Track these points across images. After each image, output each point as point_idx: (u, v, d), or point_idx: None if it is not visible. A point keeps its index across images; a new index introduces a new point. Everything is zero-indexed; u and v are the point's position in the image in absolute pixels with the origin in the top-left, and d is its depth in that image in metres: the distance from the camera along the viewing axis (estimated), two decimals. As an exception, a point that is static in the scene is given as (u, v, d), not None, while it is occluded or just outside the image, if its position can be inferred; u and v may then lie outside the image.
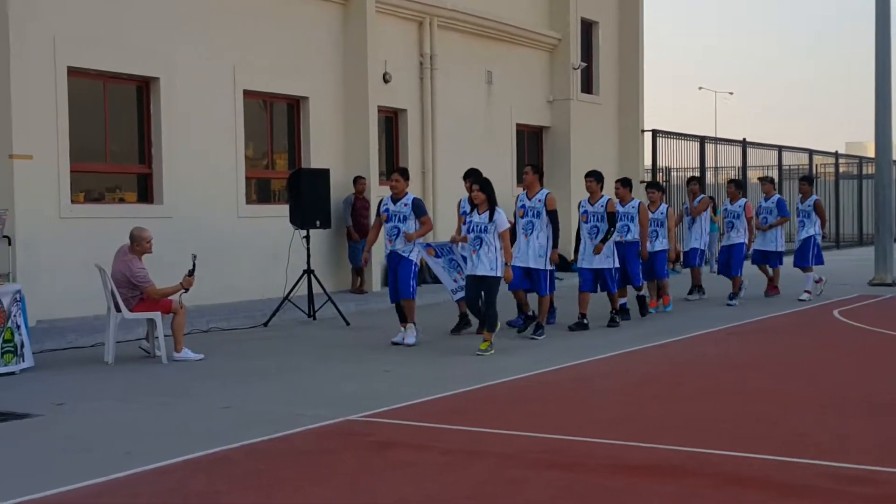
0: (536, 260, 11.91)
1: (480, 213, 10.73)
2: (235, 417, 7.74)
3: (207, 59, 14.87)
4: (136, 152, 14.45)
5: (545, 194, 11.98)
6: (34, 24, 12.46)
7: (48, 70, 12.75)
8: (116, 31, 13.61)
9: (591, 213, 12.87)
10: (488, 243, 10.61)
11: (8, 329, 9.63)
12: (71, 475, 5.99)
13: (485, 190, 10.76)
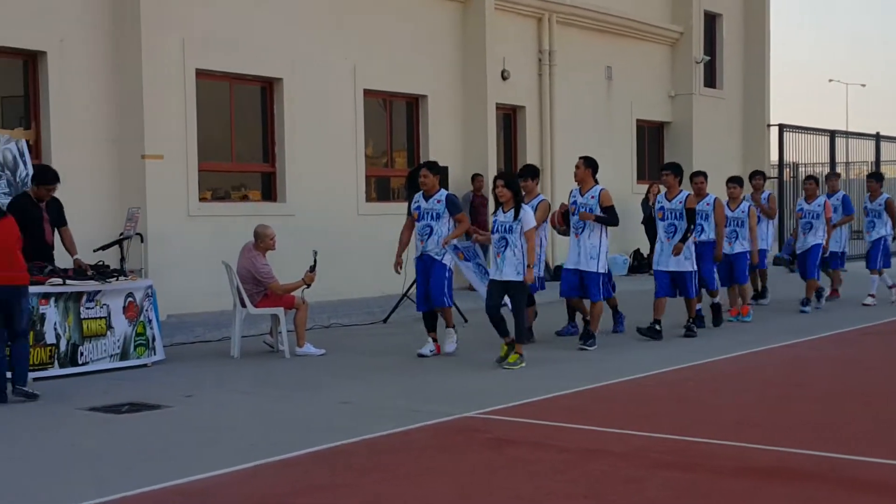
0: (588, 262, 10.97)
1: (506, 211, 9.87)
2: (355, 412, 7.93)
3: (329, 59, 15.19)
4: (260, 151, 14.87)
5: (599, 190, 11.05)
6: (165, 28, 12.94)
7: (178, 72, 13.22)
8: (241, 33, 14.01)
9: (667, 210, 11.81)
10: (514, 244, 9.76)
11: (140, 323, 10.05)
12: (200, 464, 6.24)
13: (510, 186, 9.92)
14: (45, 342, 9.23)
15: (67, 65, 12.28)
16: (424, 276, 10.50)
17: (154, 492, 5.70)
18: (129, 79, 12.71)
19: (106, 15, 12.67)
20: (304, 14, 14.87)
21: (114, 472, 6.14)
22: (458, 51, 17.48)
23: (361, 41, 15.71)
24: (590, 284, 11.01)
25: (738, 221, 13.51)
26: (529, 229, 9.77)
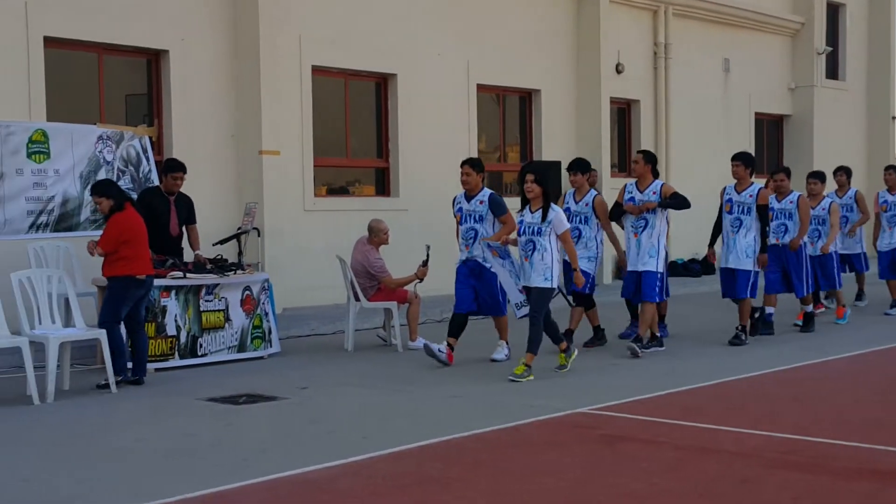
0: (647, 260, 10.17)
1: (533, 211, 9.03)
2: (466, 406, 7.94)
3: (442, 54, 15.26)
4: (374, 147, 15.04)
5: (660, 185, 10.32)
6: (283, 26, 13.19)
7: (294, 69, 13.47)
8: (357, 30, 14.18)
9: (735, 203, 10.87)
10: (542, 248, 8.92)
11: (257, 316, 10.26)
12: (314, 456, 6.33)
13: (541, 182, 9.01)
14: (166, 334, 9.51)
15: (188, 63, 12.62)
16: (467, 280, 9.78)
17: (271, 482, 5.80)
18: (247, 76, 12.99)
19: (226, 14, 12.98)
20: (418, 10, 14.97)
21: (232, 461, 6.28)
22: (572, 45, 17.37)
23: (475, 36, 15.74)
24: (645, 284, 10.16)
25: (819, 219, 12.57)
26: (564, 231, 9.02)
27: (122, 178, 10.70)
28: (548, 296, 9.04)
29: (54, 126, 10.33)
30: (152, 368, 9.38)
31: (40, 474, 6.02)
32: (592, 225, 10.54)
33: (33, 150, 9.96)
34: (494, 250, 9.43)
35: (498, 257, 9.46)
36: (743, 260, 10.79)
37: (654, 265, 10.17)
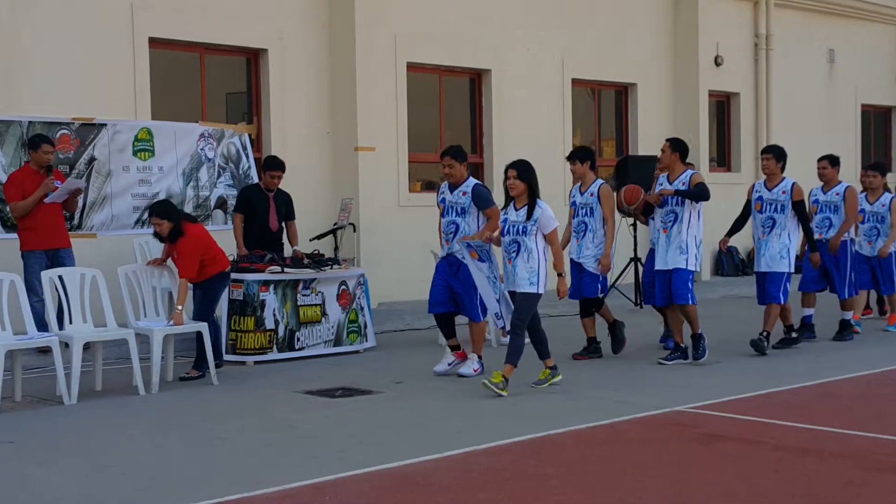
0: (677, 257, 9.41)
1: (518, 209, 8.24)
2: (565, 402, 7.93)
3: (537, 49, 15.23)
4: (468, 142, 15.08)
5: (690, 175, 9.46)
6: (378, 24, 13.33)
7: (389, 66, 13.60)
8: (451, 26, 14.25)
9: (766, 201, 9.98)
10: (527, 249, 8.10)
11: (353, 310, 10.41)
12: (409, 450, 6.40)
13: (524, 177, 8.22)
14: (264, 328, 9.70)
15: (286, 61, 12.85)
16: (443, 278, 9.03)
17: (366, 475, 5.88)
18: (343, 74, 13.17)
19: (322, 13, 13.17)
20: (512, 5, 14.97)
21: (329, 454, 6.39)
22: (669, 37, 17.17)
23: (569, 30, 15.67)
24: (675, 284, 9.40)
25: (878, 217, 11.42)
26: (551, 231, 8.19)
27: (222, 174, 10.97)
28: (533, 301, 8.15)
29: (158, 124, 10.65)
30: (252, 361, 9.60)
31: (150, 459, 6.21)
32: (599, 217, 9.68)
33: (139, 147, 10.29)
34: (474, 251, 8.45)
35: (477, 259, 8.44)
36: (777, 261, 9.93)
37: (685, 262, 9.37)
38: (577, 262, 9.76)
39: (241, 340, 9.65)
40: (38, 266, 9.08)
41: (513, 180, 8.19)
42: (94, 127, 10.07)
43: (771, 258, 9.95)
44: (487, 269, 8.38)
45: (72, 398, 7.93)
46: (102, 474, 5.98)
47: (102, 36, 11.28)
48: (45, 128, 9.72)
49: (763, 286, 10.07)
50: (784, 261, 9.91)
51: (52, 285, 8.49)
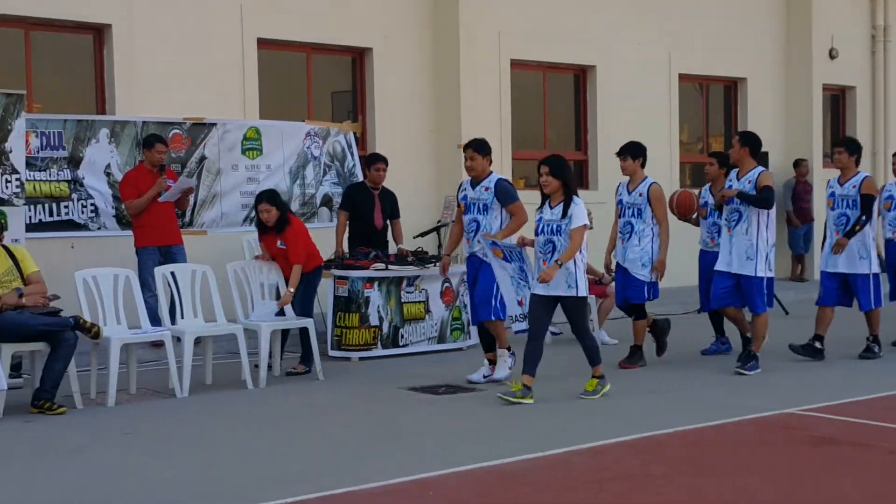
0: (743, 263, 8.81)
1: (553, 207, 7.78)
2: (665, 402, 7.86)
3: (642, 44, 15.08)
4: (572, 139, 15.03)
5: (758, 173, 8.86)
6: (482, 22, 13.38)
7: (493, 64, 13.64)
8: (556, 23, 14.20)
9: (839, 197, 9.44)
10: (562, 249, 7.64)
11: (456, 308, 10.47)
12: (512, 447, 6.41)
13: (558, 173, 7.73)
14: (369, 324, 9.84)
15: (391, 60, 12.99)
16: (472, 283, 8.60)
17: (469, 471, 5.93)
18: (446, 71, 13.26)
19: (426, 12, 13.28)
20: (617, 0, 14.85)
21: (433, 450, 6.46)
22: (781, 30, 16.81)
23: (676, 25, 15.48)
24: (746, 292, 8.89)
25: None
26: (578, 226, 7.62)
27: (328, 172, 11.16)
28: (582, 305, 7.84)
29: (266, 124, 10.89)
30: (356, 357, 9.75)
31: (257, 453, 6.38)
32: (647, 218, 9.08)
33: (247, 146, 10.54)
34: (499, 249, 8.09)
35: (503, 259, 8.09)
36: (857, 262, 9.38)
37: (753, 269, 8.81)
38: (622, 266, 9.24)
39: (346, 336, 9.79)
40: (151, 262, 9.38)
41: (545, 177, 7.71)
42: (205, 126, 10.35)
43: (850, 260, 9.37)
44: (513, 269, 8.06)
45: (183, 391, 8.18)
46: (212, 466, 6.16)
47: (213, 38, 11.59)
48: (159, 128, 10.03)
49: (843, 289, 9.46)
50: (865, 261, 9.37)
51: (164, 281, 8.76)
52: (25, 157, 8.89)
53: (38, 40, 10.92)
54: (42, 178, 9.46)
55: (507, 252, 8.06)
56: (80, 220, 9.72)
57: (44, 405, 7.51)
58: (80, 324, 7.68)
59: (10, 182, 8.63)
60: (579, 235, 7.60)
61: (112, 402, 7.83)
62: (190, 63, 11.37)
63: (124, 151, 9.91)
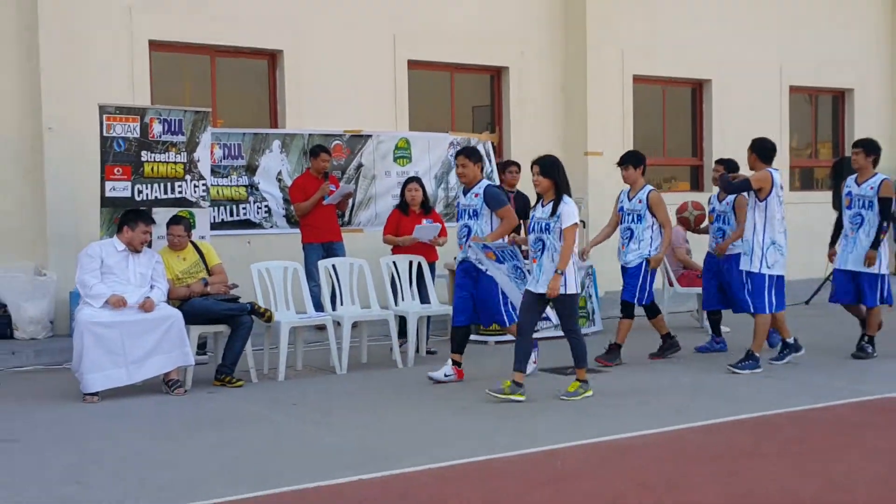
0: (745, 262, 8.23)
1: (544, 205, 7.23)
2: (777, 384, 7.57)
3: (755, 58, 14.63)
4: (689, 147, 14.70)
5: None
6: (607, 42, 13.20)
7: (617, 79, 13.44)
8: (673, 42, 13.90)
9: (855, 197, 8.65)
10: (552, 247, 7.05)
11: (582, 297, 10.34)
12: (629, 424, 6.32)
13: (548, 173, 7.17)
14: (504, 312, 9.79)
15: (525, 77, 12.94)
16: (463, 286, 7.87)
17: (593, 444, 5.87)
18: (574, 87, 13.13)
19: (557, 34, 13.19)
20: (731, 17, 14.45)
21: (559, 424, 6.40)
22: (888, 42, 16.00)
23: (787, 38, 14.94)
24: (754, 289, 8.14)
25: None
26: (568, 226, 6.96)
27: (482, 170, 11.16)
28: (570, 302, 7.09)
29: (415, 135, 10.98)
30: (493, 341, 9.72)
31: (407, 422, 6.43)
32: (646, 223, 8.43)
33: (398, 155, 10.64)
34: (490, 252, 7.53)
35: (495, 260, 7.54)
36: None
37: (877, 266, 8.41)
38: (623, 266, 8.69)
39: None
40: (315, 256, 9.57)
41: (536, 177, 7.20)
42: (362, 138, 10.50)
43: (858, 257, 8.58)
44: (508, 268, 7.57)
45: (342, 368, 8.31)
46: (368, 434, 6.24)
47: (369, 61, 11.76)
48: (323, 139, 10.23)
49: (855, 287, 8.65)
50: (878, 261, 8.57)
51: (326, 273, 8.92)
52: (210, 166, 9.18)
53: (222, 65, 11.29)
54: (224, 184, 9.75)
55: (499, 253, 7.55)
56: (256, 219, 9.98)
57: (224, 379, 7.76)
58: (256, 309, 7.90)
59: (198, 187, 8.94)
60: (571, 235, 6.97)
61: (282, 377, 8.02)
62: (349, 82, 11.57)
63: (293, 160, 10.13)
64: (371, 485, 5.08)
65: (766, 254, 8.07)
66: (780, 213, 8.11)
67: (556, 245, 7.09)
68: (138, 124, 8.58)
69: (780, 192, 8.09)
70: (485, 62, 12.83)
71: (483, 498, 4.86)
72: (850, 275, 8.69)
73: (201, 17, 10.71)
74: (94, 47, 10.08)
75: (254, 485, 5.04)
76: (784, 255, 8.13)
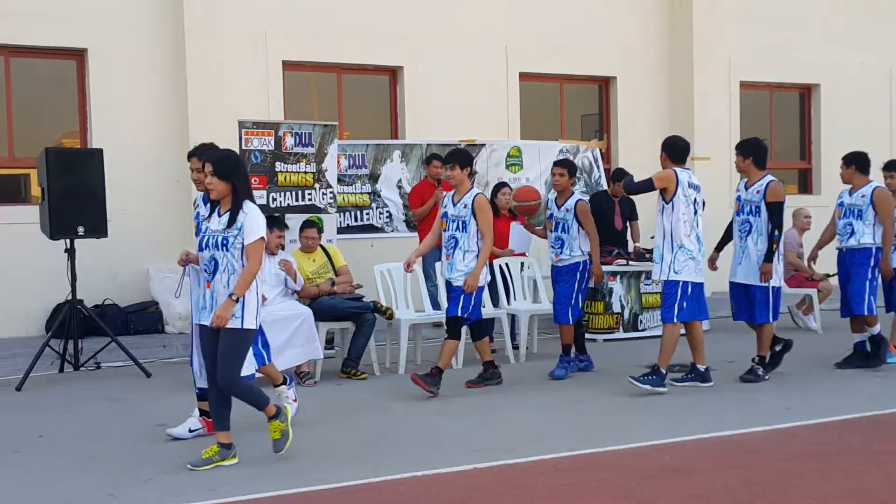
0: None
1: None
2: (888, 384, 7.23)
3: (863, 63, 14.06)
4: (797, 151, 14.22)
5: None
6: (714, 50, 12.90)
7: (724, 86, 13.12)
8: (781, 47, 13.49)
9: (744, 202, 7.58)
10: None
11: (689, 298, 10.11)
12: (741, 420, 6.15)
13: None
14: (612, 311, 9.68)
15: (631, 86, 12.78)
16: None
17: (704, 440, 5.72)
18: (681, 95, 12.91)
19: (663, 44, 12.99)
20: (839, 26, 13.92)
21: (670, 419, 6.27)
22: None
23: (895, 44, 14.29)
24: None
25: None
26: (253, 241, 5.11)
27: (577, 183, 11.03)
28: (241, 340, 5.16)
29: (526, 143, 10.95)
30: (601, 339, 9.61)
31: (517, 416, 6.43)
32: (471, 231, 7.11)
33: (510, 162, 10.63)
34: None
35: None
36: (755, 273, 7.44)
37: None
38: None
39: (593, 321, 9.67)
40: (432, 258, 9.62)
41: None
42: (476, 147, 10.53)
43: (748, 270, 7.51)
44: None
45: (459, 363, 8.35)
46: (486, 422, 6.26)
47: (482, 74, 11.81)
48: (439, 148, 10.30)
49: (746, 300, 7.56)
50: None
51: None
52: (337, 175, 9.37)
53: (347, 81, 11.53)
54: (349, 192, 9.94)
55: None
56: (378, 224, 10.14)
57: (350, 371, 7.90)
58: (378, 307, 8.02)
59: (326, 195, 9.15)
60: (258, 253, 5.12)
61: (402, 371, 8.11)
62: (464, 95, 11.64)
63: (412, 168, 10.25)
64: (487, 473, 5.09)
65: (674, 258, 7.03)
66: (689, 216, 7.04)
67: (468, 243, 6.84)
68: (273, 138, 8.84)
69: (687, 191, 7.03)
70: (593, 73, 12.70)
71: (594, 489, 4.80)
72: (742, 288, 7.57)
73: (329, 39, 10.97)
74: (234, 68, 10.45)
75: (375, 470, 5.12)
76: (696, 260, 7.02)
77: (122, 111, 10.12)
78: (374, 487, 4.85)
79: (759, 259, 7.40)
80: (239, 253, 5.14)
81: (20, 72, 10.08)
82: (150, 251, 10.24)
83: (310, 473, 5.11)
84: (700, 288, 7.14)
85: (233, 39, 10.48)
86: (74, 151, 9.41)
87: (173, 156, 10.24)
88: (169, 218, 10.28)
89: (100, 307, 9.86)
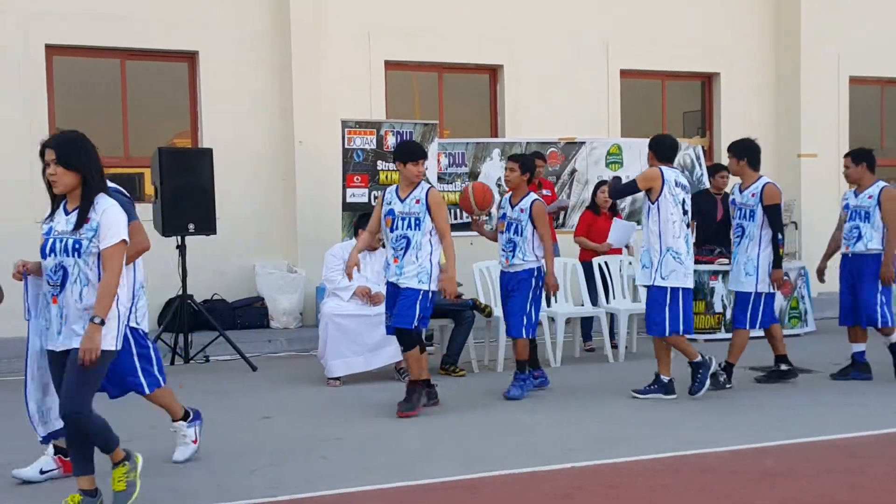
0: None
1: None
2: None
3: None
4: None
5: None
6: (821, 44, 12.55)
7: (832, 81, 12.76)
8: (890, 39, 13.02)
9: (738, 207, 7.23)
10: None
11: (794, 298, 9.89)
12: (844, 425, 6.02)
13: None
14: (713, 311, 9.55)
15: (734, 83, 12.55)
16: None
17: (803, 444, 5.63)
18: (787, 91, 12.62)
19: (768, 39, 12.71)
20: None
21: (769, 423, 6.17)
22: None
23: None
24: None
25: None
26: (112, 245, 4.25)
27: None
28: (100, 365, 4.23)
29: (626, 141, 10.85)
30: (702, 339, 9.49)
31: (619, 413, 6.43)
32: (425, 230, 6.48)
33: (610, 160, 10.57)
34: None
35: None
36: (744, 280, 7.16)
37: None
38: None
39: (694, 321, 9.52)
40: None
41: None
42: (576, 145, 10.52)
43: (737, 277, 7.22)
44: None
45: (556, 362, 8.38)
46: (578, 424, 6.28)
47: (582, 71, 11.78)
48: (539, 147, 10.33)
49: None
50: (751, 277, 7.16)
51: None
52: (437, 173, 9.51)
53: (448, 80, 11.67)
54: (449, 190, 10.06)
55: None
56: (477, 222, 10.23)
57: (449, 368, 8.03)
58: (477, 305, 8.13)
59: (426, 192, 9.28)
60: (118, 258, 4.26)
61: (500, 368, 8.20)
62: (563, 92, 11.63)
63: (511, 166, 10.29)
64: (585, 472, 5.12)
65: (661, 263, 6.73)
66: (678, 216, 6.75)
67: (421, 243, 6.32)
68: (374, 137, 9.04)
69: (674, 191, 6.73)
70: (695, 69, 12.51)
71: (694, 491, 4.79)
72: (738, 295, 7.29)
73: (430, 39, 11.14)
74: (338, 68, 10.72)
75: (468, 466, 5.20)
76: (684, 265, 6.74)
77: (230, 111, 10.50)
78: (469, 484, 4.94)
79: (745, 265, 7.10)
80: (94, 260, 4.24)
81: (134, 74, 10.56)
82: (256, 248, 10.60)
83: (406, 468, 5.22)
84: (688, 294, 6.85)
85: (337, 40, 10.75)
86: (186, 151, 9.79)
87: (278, 155, 10.58)
88: (274, 215, 10.63)
89: (208, 302, 10.24)
